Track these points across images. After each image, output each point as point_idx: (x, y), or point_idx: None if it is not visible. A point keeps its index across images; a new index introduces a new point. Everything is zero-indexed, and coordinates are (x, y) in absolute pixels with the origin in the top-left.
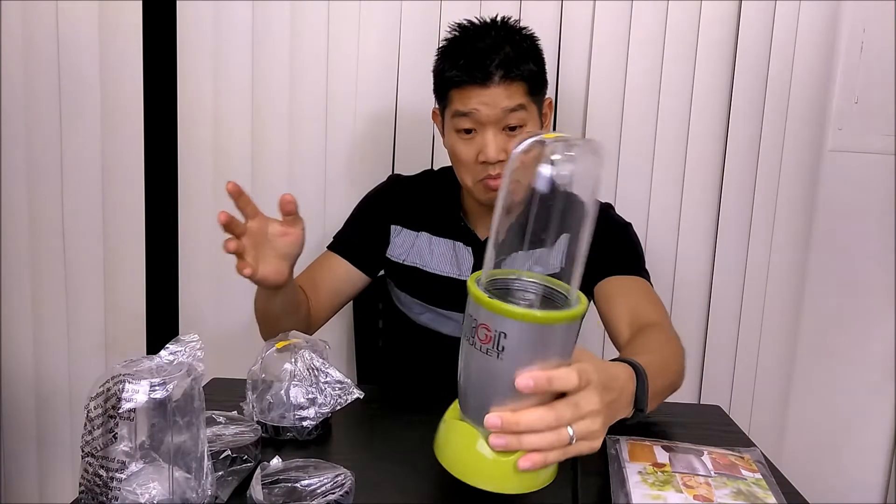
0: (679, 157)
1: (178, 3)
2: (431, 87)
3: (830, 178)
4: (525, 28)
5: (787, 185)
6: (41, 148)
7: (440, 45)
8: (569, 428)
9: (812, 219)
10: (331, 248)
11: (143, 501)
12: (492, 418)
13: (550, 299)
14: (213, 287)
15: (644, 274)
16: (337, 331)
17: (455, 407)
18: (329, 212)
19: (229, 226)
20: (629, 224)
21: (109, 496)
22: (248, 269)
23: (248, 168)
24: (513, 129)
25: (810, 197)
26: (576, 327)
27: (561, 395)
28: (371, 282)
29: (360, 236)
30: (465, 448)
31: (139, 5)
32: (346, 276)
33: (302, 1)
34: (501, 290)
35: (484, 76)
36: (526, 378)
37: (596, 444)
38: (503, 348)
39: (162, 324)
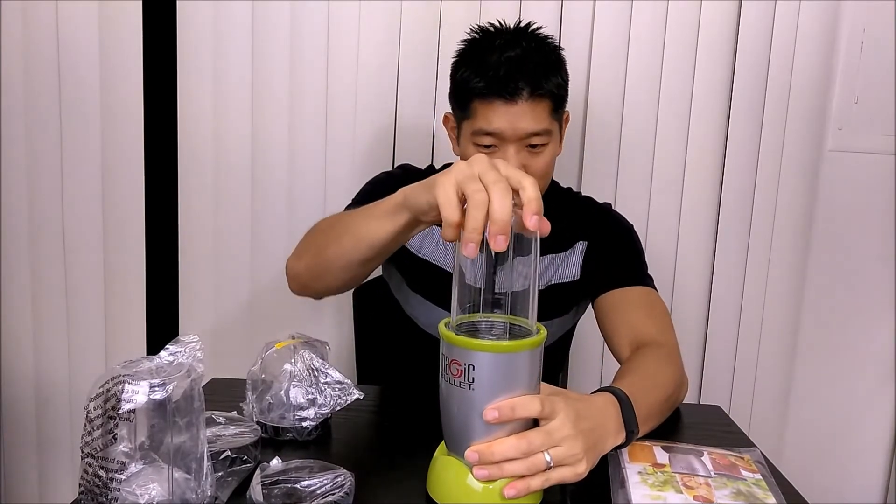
0: (679, 157)
1: (178, 3)
2: (431, 87)
3: (830, 178)
4: (550, 37)
5: (787, 185)
6: (41, 148)
7: (460, 48)
8: (546, 454)
9: (812, 219)
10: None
11: (142, 502)
12: (470, 454)
13: (513, 334)
14: (213, 287)
15: (647, 281)
16: (337, 331)
17: (443, 445)
18: (329, 212)
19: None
20: (632, 227)
21: (109, 497)
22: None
23: (248, 168)
24: (534, 146)
25: (810, 197)
26: (538, 355)
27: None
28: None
29: None
30: (455, 483)
31: (139, 5)
32: None
33: (302, 1)
34: (470, 330)
35: (512, 91)
36: (491, 410)
37: (579, 469)
38: (473, 379)
39: (162, 324)
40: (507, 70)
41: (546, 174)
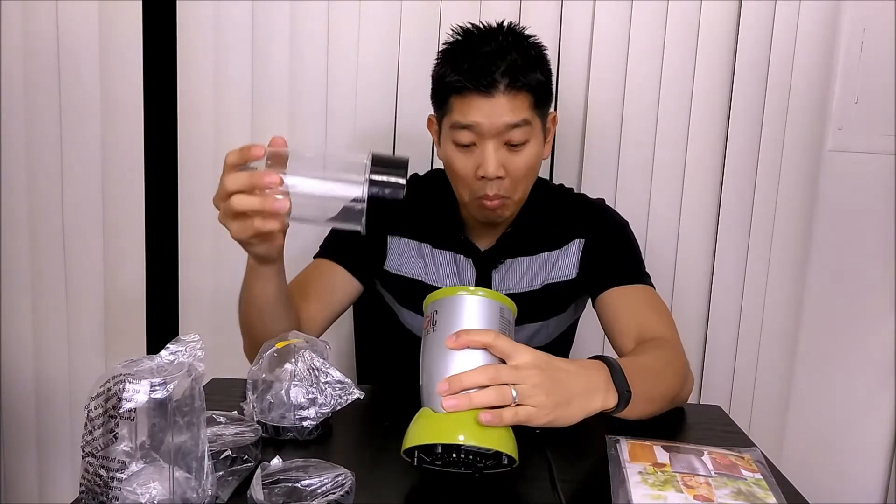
0: (679, 157)
1: (178, 3)
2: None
3: (830, 178)
4: (533, 36)
5: (787, 185)
6: (41, 148)
7: (441, 49)
8: (512, 390)
9: (812, 219)
10: (321, 255)
11: (143, 501)
12: (441, 384)
13: None
14: (213, 286)
15: (646, 279)
16: (337, 331)
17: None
18: None
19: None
20: (626, 223)
21: (110, 496)
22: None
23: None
24: (514, 145)
25: (810, 197)
26: (496, 312)
27: None
28: (364, 291)
29: (354, 242)
30: (425, 416)
31: (139, 5)
32: (342, 283)
33: (302, 1)
34: None
35: (488, 84)
36: (451, 337)
37: (543, 412)
38: (436, 322)
39: (162, 323)
40: (483, 63)
41: (526, 176)
